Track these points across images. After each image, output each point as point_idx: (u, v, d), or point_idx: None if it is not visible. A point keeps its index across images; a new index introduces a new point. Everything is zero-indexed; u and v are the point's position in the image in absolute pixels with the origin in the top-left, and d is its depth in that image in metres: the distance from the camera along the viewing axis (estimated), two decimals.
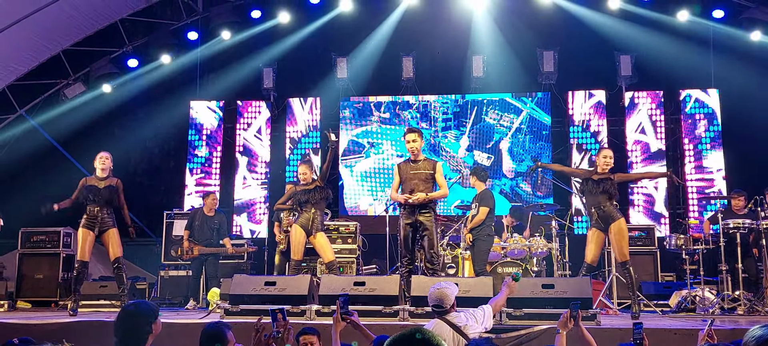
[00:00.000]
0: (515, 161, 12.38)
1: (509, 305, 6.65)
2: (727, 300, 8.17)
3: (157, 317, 3.86)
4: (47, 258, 10.53)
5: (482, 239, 8.61)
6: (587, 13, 12.15)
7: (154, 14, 12.82)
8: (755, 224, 8.39)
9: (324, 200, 8.21)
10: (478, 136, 12.49)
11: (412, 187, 7.48)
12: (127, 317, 3.80)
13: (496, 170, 12.35)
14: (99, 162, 8.21)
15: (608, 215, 7.44)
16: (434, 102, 12.69)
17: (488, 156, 12.41)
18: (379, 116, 12.76)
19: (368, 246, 10.73)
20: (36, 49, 12.23)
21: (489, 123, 12.49)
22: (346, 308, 4.60)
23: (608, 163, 7.60)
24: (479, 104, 12.55)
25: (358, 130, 12.77)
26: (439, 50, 12.71)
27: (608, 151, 7.73)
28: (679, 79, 12.01)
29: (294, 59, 13.06)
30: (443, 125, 12.62)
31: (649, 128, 12.08)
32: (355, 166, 12.65)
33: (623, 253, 7.44)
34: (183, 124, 13.08)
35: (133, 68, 12.97)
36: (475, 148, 12.46)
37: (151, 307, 3.92)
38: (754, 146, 11.45)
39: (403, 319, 6.72)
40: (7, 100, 12.76)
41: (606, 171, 7.59)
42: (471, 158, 12.39)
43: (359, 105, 12.86)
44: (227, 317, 6.97)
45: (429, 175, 7.54)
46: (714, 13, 11.78)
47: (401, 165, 7.70)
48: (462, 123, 12.55)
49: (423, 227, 7.48)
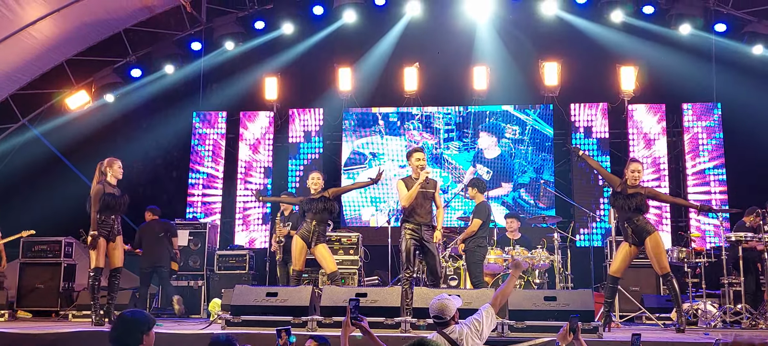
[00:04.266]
0: (517, 173, 12.37)
1: (511, 318, 6.64)
2: (730, 314, 8.15)
3: (151, 329, 3.87)
4: (48, 268, 10.52)
5: (472, 250, 8.69)
6: (590, 25, 12.18)
7: (157, 25, 12.86)
8: (758, 239, 8.37)
9: (327, 211, 8.22)
10: (479, 148, 12.50)
11: (415, 205, 7.71)
12: (121, 322, 3.85)
13: (497, 182, 12.35)
14: (119, 170, 8.13)
15: (642, 229, 7.40)
16: (437, 113, 12.71)
17: (488, 171, 12.40)
18: (381, 127, 12.77)
19: (370, 257, 10.72)
20: (39, 59, 12.27)
21: (491, 134, 12.49)
22: (356, 312, 4.59)
23: (637, 176, 7.55)
24: (482, 116, 12.56)
25: (360, 141, 12.78)
26: (439, 50, 12.73)
27: (637, 164, 7.65)
28: (681, 93, 12.02)
29: (297, 70, 13.08)
30: (446, 136, 12.63)
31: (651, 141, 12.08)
32: (357, 177, 12.66)
33: (663, 265, 7.40)
34: (186, 135, 13.09)
35: (137, 78, 13.00)
36: (477, 161, 12.46)
37: (147, 317, 3.94)
38: (756, 160, 11.45)
39: (404, 330, 6.70)
40: (10, 109, 12.80)
41: (636, 184, 7.55)
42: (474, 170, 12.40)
43: (362, 116, 12.88)
44: (229, 327, 6.96)
45: (431, 193, 7.82)
46: (716, 27, 11.82)
47: (406, 181, 7.87)
48: (464, 134, 12.56)
49: (427, 247, 7.68)
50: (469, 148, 12.53)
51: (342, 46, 12.86)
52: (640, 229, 7.39)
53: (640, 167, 7.65)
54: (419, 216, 7.72)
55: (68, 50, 12.49)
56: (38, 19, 11.25)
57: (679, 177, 12.24)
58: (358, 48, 12.85)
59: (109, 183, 8.03)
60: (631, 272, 10.02)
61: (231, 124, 13.12)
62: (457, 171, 12.49)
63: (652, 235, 7.38)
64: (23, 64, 12.18)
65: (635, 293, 9.43)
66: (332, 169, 12.99)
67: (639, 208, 7.40)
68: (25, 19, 11.13)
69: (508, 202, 12.28)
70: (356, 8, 12.26)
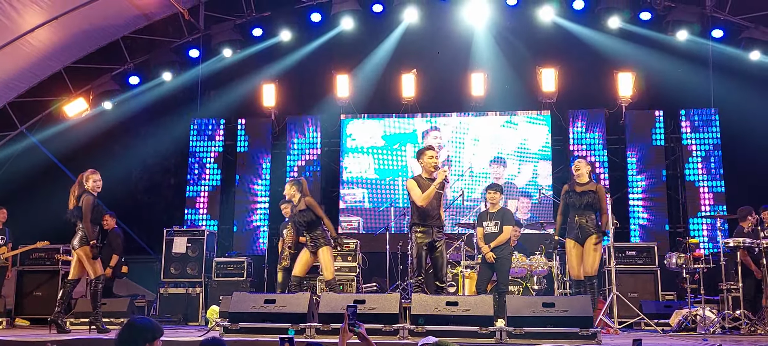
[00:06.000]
0: (516, 179, 12.38)
1: (510, 324, 6.63)
2: (728, 319, 8.15)
3: (157, 338, 3.84)
4: (46, 275, 10.51)
5: (505, 257, 8.55)
6: (587, 32, 12.21)
7: (155, 32, 12.88)
8: (755, 243, 8.38)
9: (308, 222, 8.05)
10: (478, 154, 12.50)
11: (428, 206, 7.44)
12: (129, 329, 3.83)
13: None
14: (99, 182, 8.11)
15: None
16: (435, 120, 12.71)
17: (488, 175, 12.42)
18: (380, 133, 12.77)
19: (368, 264, 10.71)
20: (37, 66, 12.28)
21: (489, 141, 12.50)
22: (355, 319, 4.57)
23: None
24: (479, 122, 12.57)
25: (359, 146, 12.78)
26: (438, 51, 12.74)
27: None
28: (679, 98, 12.03)
29: (295, 77, 13.10)
30: (443, 143, 12.63)
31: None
32: (356, 183, 12.65)
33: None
34: (184, 142, 13.09)
35: (135, 85, 13.01)
36: (476, 166, 12.46)
37: (154, 326, 3.91)
38: (753, 165, 11.47)
39: (403, 338, 6.69)
40: (8, 117, 12.80)
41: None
42: (472, 174, 12.39)
43: (360, 122, 12.89)
44: (226, 335, 6.94)
45: (441, 194, 7.60)
46: (713, 33, 11.85)
47: (418, 180, 7.57)
48: (462, 141, 12.56)
49: (436, 246, 7.50)
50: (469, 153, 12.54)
51: (340, 53, 12.89)
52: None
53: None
54: (431, 218, 7.46)
55: (66, 58, 12.50)
56: (36, 26, 11.26)
57: (676, 183, 12.26)
58: (356, 55, 12.88)
59: (93, 195, 8.05)
60: (629, 278, 10.05)
61: (229, 131, 13.13)
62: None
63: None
64: (21, 72, 12.18)
65: (634, 299, 9.43)
66: (331, 175, 13.00)
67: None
68: (23, 27, 11.14)
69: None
70: (354, 15, 12.29)
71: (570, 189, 7.97)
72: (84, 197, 7.95)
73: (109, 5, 11.68)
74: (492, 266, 8.50)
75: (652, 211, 11.89)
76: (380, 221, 12.26)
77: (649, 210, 11.90)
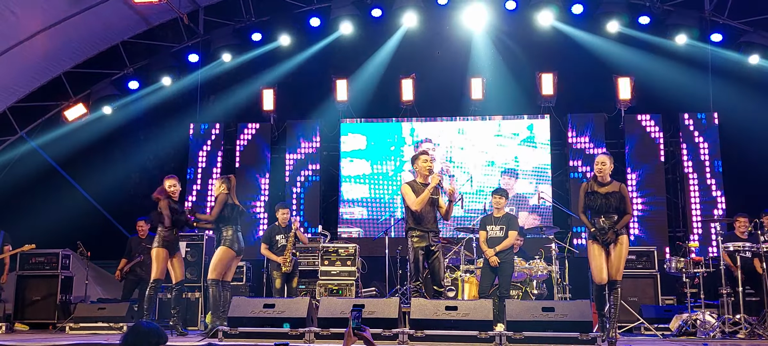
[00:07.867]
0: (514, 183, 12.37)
1: (509, 329, 6.64)
2: (728, 324, 8.14)
3: (161, 344, 3.83)
4: (46, 280, 10.49)
5: (509, 262, 8.51)
6: (586, 36, 12.21)
7: (154, 37, 12.90)
8: (755, 248, 8.38)
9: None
10: (477, 159, 12.50)
11: (423, 211, 7.41)
12: (133, 333, 3.81)
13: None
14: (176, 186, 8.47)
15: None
16: (434, 124, 12.72)
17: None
18: (378, 137, 12.77)
19: (367, 268, 10.70)
20: (37, 71, 12.29)
21: (488, 145, 12.50)
22: (359, 322, 4.56)
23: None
24: (478, 127, 12.57)
25: (357, 150, 12.78)
26: (438, 51, 12.75)
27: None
28: (678, 103, 12.03)
29: (294, 82, 13.12)
30: (439, 150, 12.64)
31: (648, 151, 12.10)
32: (353, 187, 12.64)
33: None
34: (183, 146, 13.09)
35: (134, 90, 13.01)
36: (476, 171, 12.46)
37: (159, 332, 3.89)
38: (753, 169, 11.47)
39: (402, 342, 6.68)
40: (8, 121, 12.80)
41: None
42: (471, 181, 12.39)
43: (359, 126, 12.89)
44: (226, 339, 6.94)
45: (436, 199, 7.57)
46: (712, 37, 11.83)
47: (413, 185, 7.52)
48: (461, 145, 12.56)
49: (433, 251, 7.45)
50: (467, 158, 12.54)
51: (339, 57, 12.90)
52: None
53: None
54: (427, 223, 7.41)
55: (66, 63, 12.51)
56: (36, 32, 11.27)
57: (676, 187, 12.26)
58: (355, 59, 12.89)
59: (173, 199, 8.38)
60: (629, 283, 10.04)
61: (228, 136, 13.13)
62: (456, 182, 12.47)
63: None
64: (21, 77, 12.19)
65: (634, 304, 9.42)
66: (329, 180, 12.99)
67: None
68: (23, 33, 11.14)
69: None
70: (353, 20, 12.30)
71: (592, 190, 7.31)
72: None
73: (109, 10, 11.69)
74: (495, 270, 8.48)
75: (652, 215, 11.89)
76: (379, 225, 12.25)
77: (648, 214, 11.89)
